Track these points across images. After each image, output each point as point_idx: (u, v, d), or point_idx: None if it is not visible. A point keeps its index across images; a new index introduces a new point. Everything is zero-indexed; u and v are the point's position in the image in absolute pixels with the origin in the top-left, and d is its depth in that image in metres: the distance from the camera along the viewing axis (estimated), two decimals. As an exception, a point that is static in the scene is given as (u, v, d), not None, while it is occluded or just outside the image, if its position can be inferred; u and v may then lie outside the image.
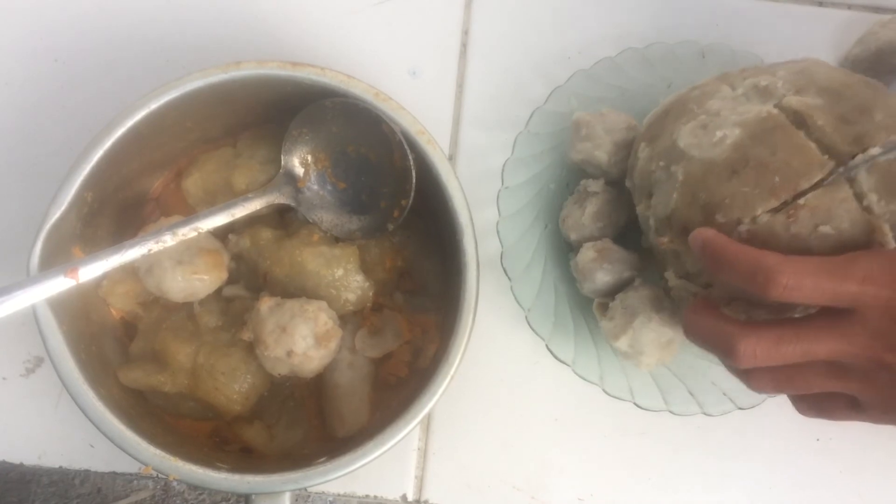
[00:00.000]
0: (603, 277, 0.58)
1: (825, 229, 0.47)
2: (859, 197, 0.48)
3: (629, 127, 0.60)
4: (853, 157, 0.48)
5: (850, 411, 0.48)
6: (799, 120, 0.50)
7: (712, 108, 0.53)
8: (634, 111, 0.60)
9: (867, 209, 0.48)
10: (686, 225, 0.51)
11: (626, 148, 0.60)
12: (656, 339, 0.57)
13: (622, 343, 0.57)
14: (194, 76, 0.55)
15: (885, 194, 0.48)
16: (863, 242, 0.48)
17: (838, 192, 0.47)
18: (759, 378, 0.47)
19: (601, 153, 0.59)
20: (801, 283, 0.42)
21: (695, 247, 0.48)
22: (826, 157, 0.48)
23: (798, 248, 0.48)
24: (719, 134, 0.50)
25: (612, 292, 0.59)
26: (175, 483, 0.66)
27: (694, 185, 0.50)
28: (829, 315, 0.44)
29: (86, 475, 0.62)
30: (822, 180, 0.47)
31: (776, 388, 0.47)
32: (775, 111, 0.50)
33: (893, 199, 0.49)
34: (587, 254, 0.59)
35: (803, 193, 0.47)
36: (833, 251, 0.48)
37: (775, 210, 0.48)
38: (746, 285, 0.44)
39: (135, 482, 0.63)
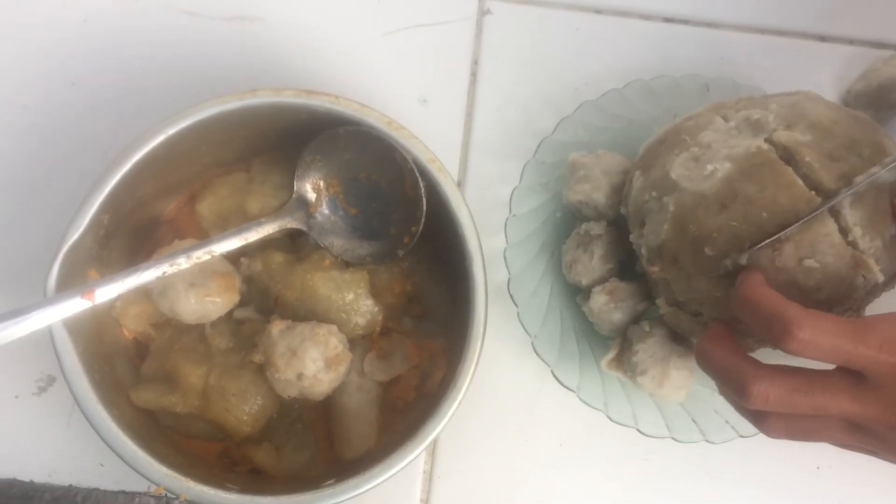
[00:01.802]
0: (620, 317, 0.59)
1: (810, 263, 0.48)
2: (844, 231, 0.49)
3: (625, 170, 0.60)
4: (838, 192, 0.49)
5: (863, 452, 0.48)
6: (788, 155, 0.51)
7: (704, 140, 0.53)
8: (640, 141, 0.61)
9: (852, 244, 0.49)
10: (676, 256, 0.52)
11: (622, 191, 0.60)
12: (686, 373, 0.57)
13: (665, 390, 0.57)
14: (211, 103, 0.55)
15: (869, 230, 0.49)
16: (848, 276, 0.49)
17: (822, 227, 0.48)
18: (773, 424, 0.46)
19: (599, 194, 0.60)
20: (817, 340, 0.42)
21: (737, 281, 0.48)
22: (813, 193, 0.49)
23: (784, 282, 0.48)
24: (710, 168, 0.51)
25: (629, 326, 0.60)
26: (177, 502, 0.66)
27: (684, 217, 0.51)
28: (845, 375, 0.43)
29: (88, 493, 0.63)
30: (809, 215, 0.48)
31: (790, 436, 0.47)
32: (765, 146, 0.51)
33: (878, 234, 0.50)
34: (599, 299, 0.59)
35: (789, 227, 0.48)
36: (819, 284, 0.49)
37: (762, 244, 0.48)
38: (763, 331, 0.44)
39: (137, 499, 0.64)
